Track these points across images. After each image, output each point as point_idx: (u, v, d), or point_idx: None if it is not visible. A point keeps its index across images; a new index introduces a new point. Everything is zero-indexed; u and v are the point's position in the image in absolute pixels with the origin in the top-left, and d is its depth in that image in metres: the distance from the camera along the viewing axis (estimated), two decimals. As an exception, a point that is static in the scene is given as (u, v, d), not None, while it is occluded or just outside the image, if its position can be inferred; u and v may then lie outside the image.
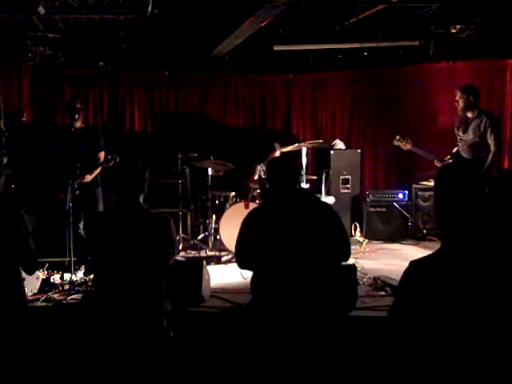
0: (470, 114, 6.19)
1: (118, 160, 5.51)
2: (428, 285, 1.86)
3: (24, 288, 3.58)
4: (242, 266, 3.70)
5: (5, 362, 3.32)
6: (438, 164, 6.37)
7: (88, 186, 5.94)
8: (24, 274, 3.57)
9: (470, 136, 6.19)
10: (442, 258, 1.89)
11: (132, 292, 3.29)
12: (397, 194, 7.73)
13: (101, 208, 6.09)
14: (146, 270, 3.32)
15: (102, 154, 6.09)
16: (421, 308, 1.85)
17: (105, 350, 3.29)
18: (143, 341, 3.27)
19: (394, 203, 7.59)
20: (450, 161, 6.30)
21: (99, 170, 6.05)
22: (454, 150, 6.45)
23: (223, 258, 6.47)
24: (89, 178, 5.89)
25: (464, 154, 6.27)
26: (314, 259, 3.29)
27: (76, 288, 5.06)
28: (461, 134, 6.30)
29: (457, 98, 6.19)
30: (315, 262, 3.29)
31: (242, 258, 3.59)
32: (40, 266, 4.92)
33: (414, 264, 1.94)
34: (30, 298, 4.53)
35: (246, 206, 6.44)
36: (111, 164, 5.67)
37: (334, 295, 3.35)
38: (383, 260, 6.20)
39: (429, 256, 1.94)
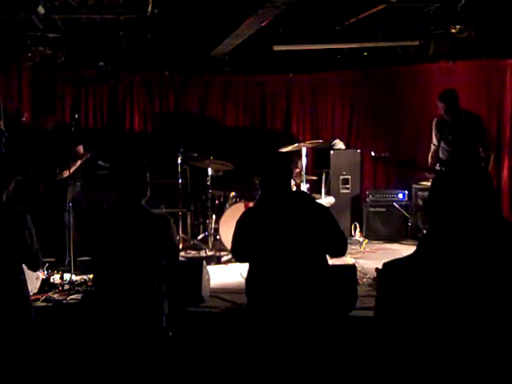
0: (453, 119, 6.16)
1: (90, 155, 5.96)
2: (403, 286, 1.87)
3: (28, 290, 3.59)
4: (237, 259, 3.71)
5: (8, 363, 3.32)
6: (429, 176, 6.28)
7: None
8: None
9: (456, 142, 6.15)
10: (418, 259, 1.90)
11: (131, 292, 3.28)
12: (397, 194, 7.72)
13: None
14: (145, 270, 3.32)
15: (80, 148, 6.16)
16: (399, 309, 1.87)
17: (104, 349, 3.29)
18: (142, 341, 3.27)
19: (394, 203, 7.60)
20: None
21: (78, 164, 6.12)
22: (441, 156, 6.35)
23: (223, 258, 6.47)
24: (66, 173, 5.91)
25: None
26: (308, 258, 3.28)
27: (76, 288, 5.06)
28: (448, 139, 6.25)
29: (439, 106, 6.21)
30: (310, 260, 3.28)
31: (237, 254, 3.60)
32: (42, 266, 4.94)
33: (386, 265, 1.97)
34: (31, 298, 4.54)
35: (246, 206, 6.44)
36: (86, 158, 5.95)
37: (332, 293, 3.34)
38: (383, 260, 6.13)
39: (403, 257, 1.95)
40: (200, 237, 7.30)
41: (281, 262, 3.24)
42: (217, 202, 7.15)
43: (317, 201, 3.66)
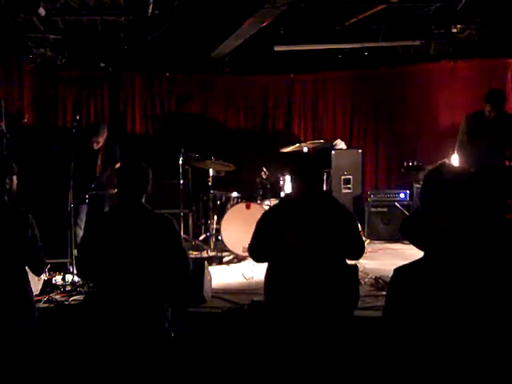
0: (493, 119, 5.95)
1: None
2: (413, 291, 1.87)
3: (32, 291, 3.58)
4: (256, 260, 3.72)
5: (12, 363, 3.33)
6: None
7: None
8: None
9: (489, 141, 5.98)
10: (425, 264, 1.90)
11: (133, 292, 3.28)
12: (398, 193, 7.72)
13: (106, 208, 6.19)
14: (147, 270, 3.31)
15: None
16: (408, 313, 1.86)
17: (106, 350, 3.29)
18: (144, 342, 3.26)
19: (396, 203, 7.59)
20: None
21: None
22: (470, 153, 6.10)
23: (225, 259, 6.47)
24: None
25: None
26: (330, 258, 3.32)
27: (78, 289, 5.06)
28: (481, 137, 6.04)
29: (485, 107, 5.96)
30: (331, 261, 3.32)
31: (256, 255, 3.60)
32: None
33: (398, 271, 1.96)
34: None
35: (248, 207, 6.45)
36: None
37: (349, 294, 3.39)
38: (385, 260, 6.18)
39: (413, 262, 1.95)
40: (202, 237, 7.29)
41: (305, 262, 3.26)
42: (218, 202, 7.15)
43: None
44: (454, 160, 6.21)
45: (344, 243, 3.36)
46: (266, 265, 3.56)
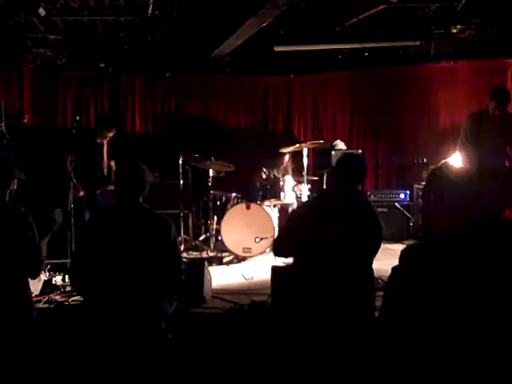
0: (497, 117, 5.92)
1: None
2: (410, 289, 1.87)
3: (31, 292, 3.58)
4: (280, 253, 3.74)
5: (11, 364, 3.32)
6: None
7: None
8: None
9: (491, 140, 5.96)
10: (424, 263, 1.90)
11: (129, 293, 3.26)
12: (398, 194, 7.72)
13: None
14: (144, 269, 3.29)
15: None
16: (406, 311, 1.87)
17: (104, 350, 3.27)
18: (141, 343, 3.25)
19: (396, 203, 7.59)
20: None
21: None
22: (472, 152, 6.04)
23: (225, 259, 6.47)
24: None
25: None
26: (353, 257, 3.37)
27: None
28: (483, 135, 6.05)
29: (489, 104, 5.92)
30: (354, 260, 3.37)
31: (284, 248, 3.62)
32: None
33: (395, 269, 1.97)
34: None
35: (247, 207, 6.45)
36: None
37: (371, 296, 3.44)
38: (384, 260, 6.10)
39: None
40: (202, 238, 7.29)
41: (336, 258, 3.29)
42: (218, 202, 7.15)
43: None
44: (455, 159, 6.21)
45: (369, 243, 3.41)
46: (266, 265, 3.56)
